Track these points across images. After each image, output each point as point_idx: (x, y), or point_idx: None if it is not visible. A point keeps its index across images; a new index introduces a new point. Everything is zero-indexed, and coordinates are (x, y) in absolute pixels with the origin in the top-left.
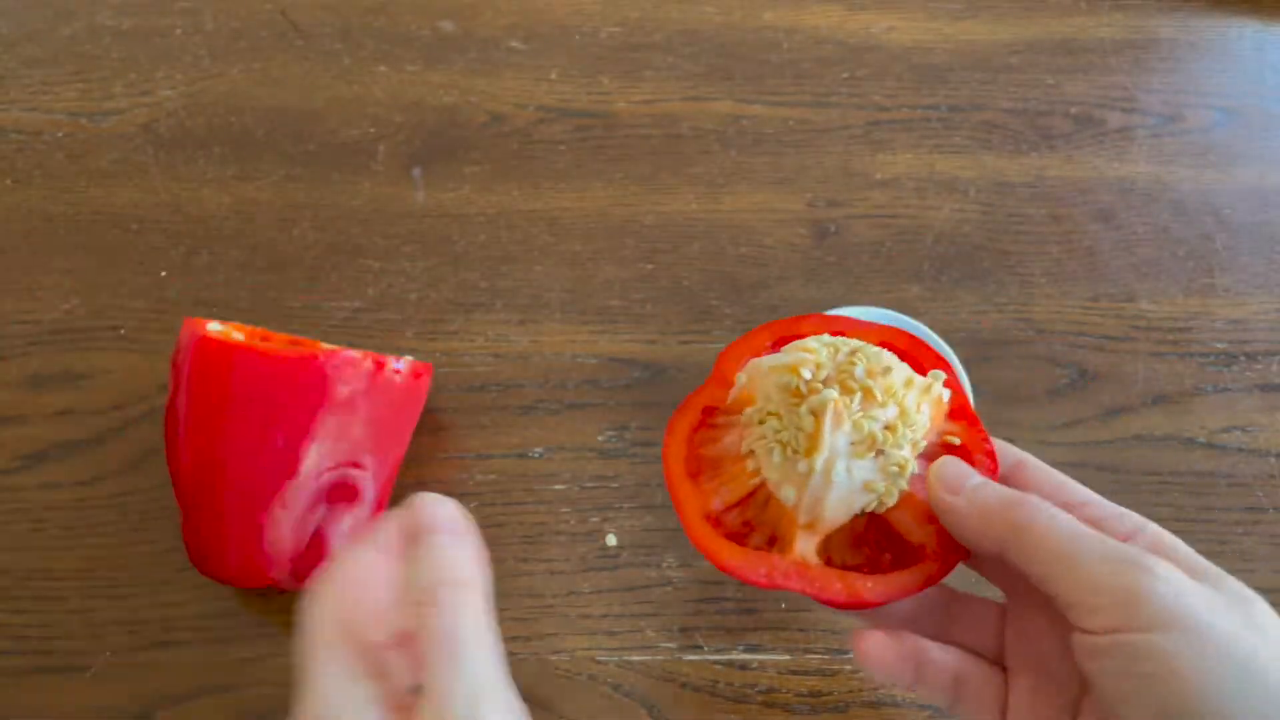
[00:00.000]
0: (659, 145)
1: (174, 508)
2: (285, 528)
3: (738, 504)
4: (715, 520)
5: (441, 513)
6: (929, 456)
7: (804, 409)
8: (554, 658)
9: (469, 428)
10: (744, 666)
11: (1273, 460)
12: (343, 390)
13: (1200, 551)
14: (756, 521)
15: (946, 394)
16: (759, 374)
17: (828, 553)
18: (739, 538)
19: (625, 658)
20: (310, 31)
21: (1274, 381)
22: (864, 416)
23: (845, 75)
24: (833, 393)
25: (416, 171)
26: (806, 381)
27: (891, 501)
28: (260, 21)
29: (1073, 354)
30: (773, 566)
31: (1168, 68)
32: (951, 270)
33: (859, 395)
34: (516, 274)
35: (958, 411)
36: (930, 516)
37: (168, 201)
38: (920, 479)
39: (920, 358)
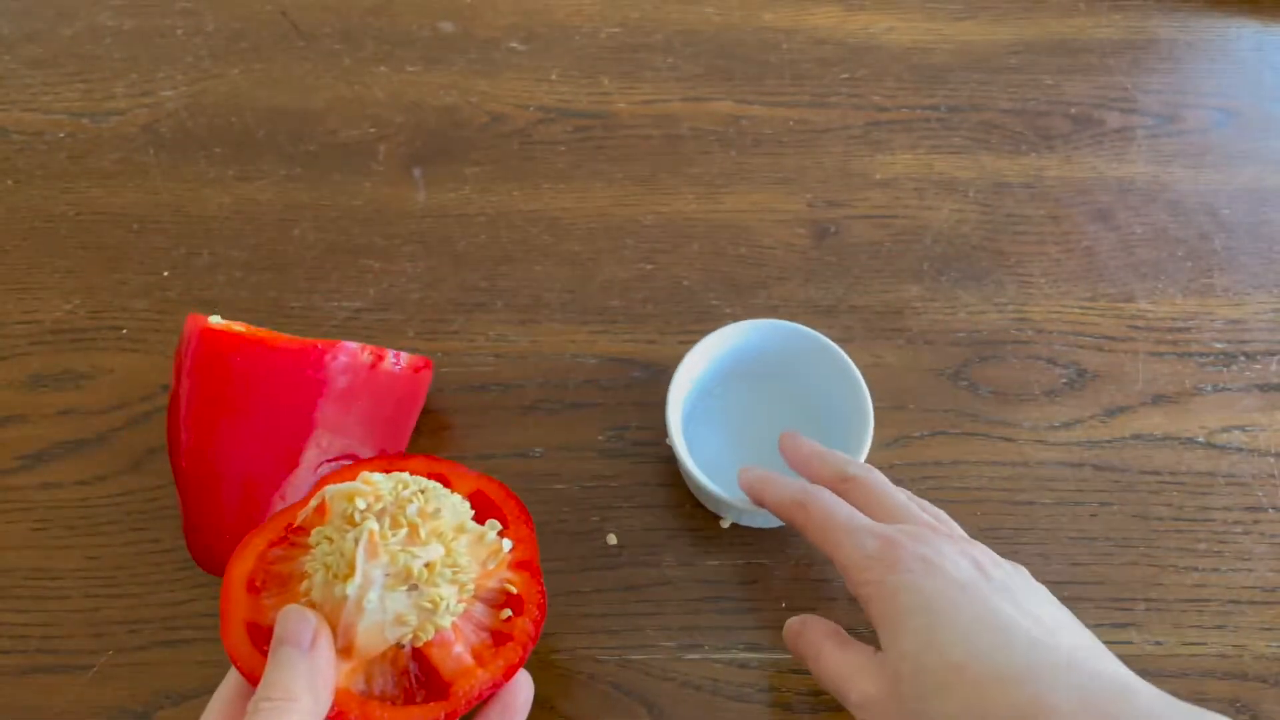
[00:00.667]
0: (659, 145)
1: (175, 507)
2: None
3: None
4: (262, 633)
5: (292, 627)
6: (487, 600)
7: (350, 536)
8: (554, 656)
9: (469, 427)
10: (744, 665)
11: (1271, 460)
12: (341, 381)
13: (1199, 551)
14: None
15: (508, 544)
16: (329, 498)
17: (370, 679)
18: None
19: (625, 656)
20: (311, 32)
21: (1272, 381)
22: (403, 551)
23: (845, 76)
24: (373, 524)
25: (417, 172)
26: (361, 510)
27: (427, 636)
28: (261, 22)
29: (1071, 354)
30: None
31: (1167, 68)
32: (950, 270)
33: (405, 531)
34: (517, 274)
35: (523, 564)
36: (464, 657)
37: (169, 202)
38: (468, 617)
39: (507, 510)
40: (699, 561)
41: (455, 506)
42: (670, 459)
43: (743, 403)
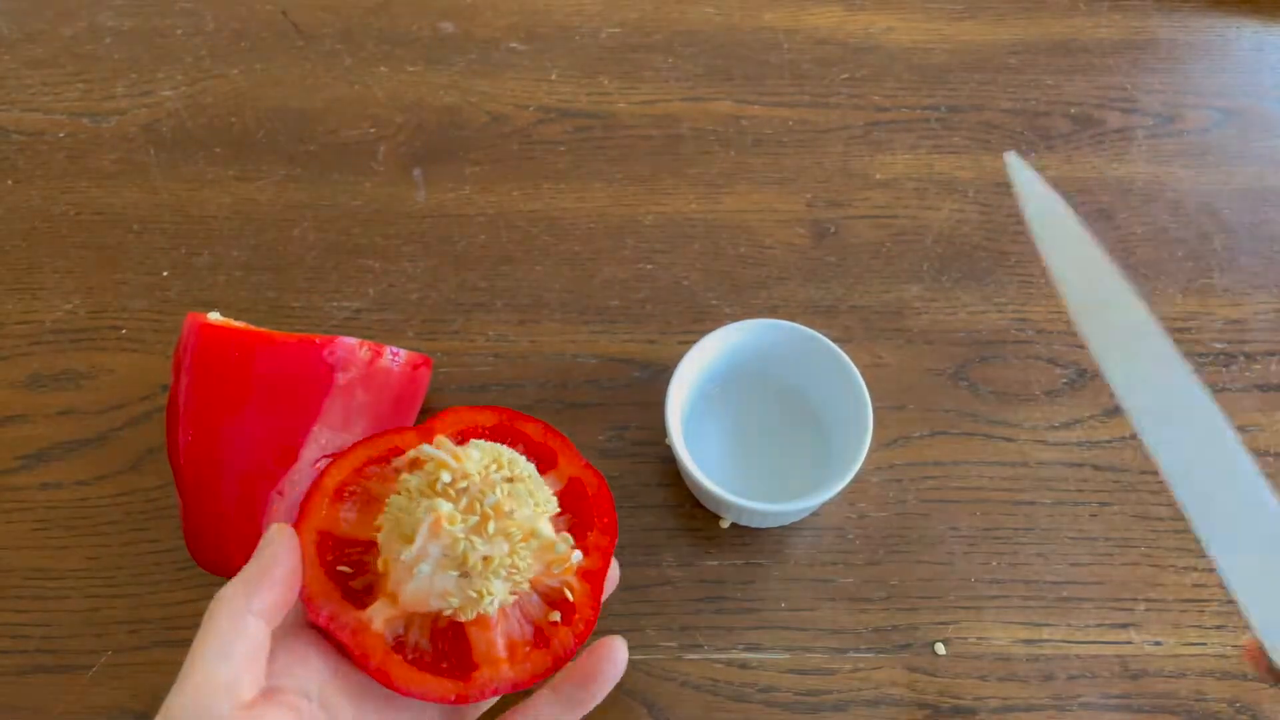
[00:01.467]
0: (659, 145)
1: (175, 507)
2: (281, 516)
3: (360, 544)
4: (330, 543)
5: (266, 533)
6: (544, 594)
7: (424, 506)
8: None
9: None
10: (744, 665)
11: (1271, 460)
12: (340, 377)
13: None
14: (370, 565)
15: (578, 556)
16: (423, 455)
17: (408, 627)
18: (343, 574)
19: None
20: (311, 32)
21: (1272, 381)
22: (465, 539)
23: (845, 76)
24: (446, 506)
25: (417, 172)
26: (443, 484)
27: (467, 617)
28: (261, 22)
29: (1072, 353)
30: (336, 612)
31: (1166, 68)
32: (951, 270)
33: (475, 519)
34: (516, 274)
35: (590, 574)
36: (497, 647)
37: (168, 202)
38: (519, 603)
39: (597, 512)
40: (699, 561)
41: (538, 505)
42: (670, 459)
43: (742, 403)
